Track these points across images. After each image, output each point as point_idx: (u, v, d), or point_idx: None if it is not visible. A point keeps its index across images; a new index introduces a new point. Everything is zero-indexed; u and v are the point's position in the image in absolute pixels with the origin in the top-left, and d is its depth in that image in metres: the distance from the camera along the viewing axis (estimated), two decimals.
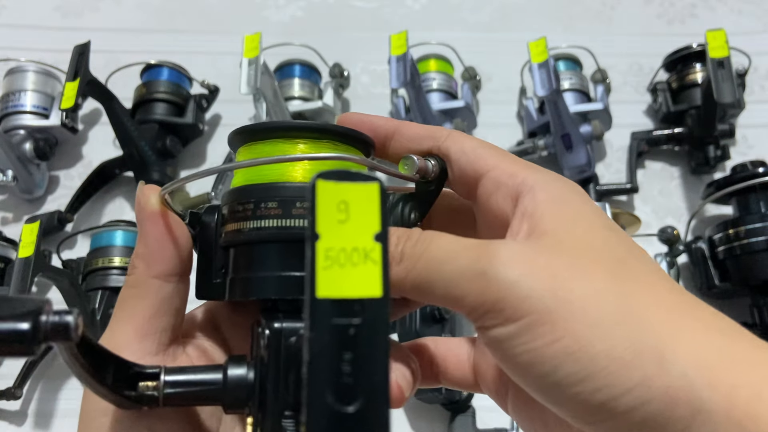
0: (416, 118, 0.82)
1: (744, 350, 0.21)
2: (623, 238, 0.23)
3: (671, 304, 0.22)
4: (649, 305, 0.21)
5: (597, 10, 1.04)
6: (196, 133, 0.89)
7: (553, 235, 0.22)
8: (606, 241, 0.23)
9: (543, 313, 0.20)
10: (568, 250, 0.22)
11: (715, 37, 0.77)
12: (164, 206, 0.28)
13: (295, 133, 0.28)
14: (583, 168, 0.83)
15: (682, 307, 0.22)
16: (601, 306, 0.20)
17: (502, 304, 0.21)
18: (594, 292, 0.20)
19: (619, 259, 0.22)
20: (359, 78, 0.98)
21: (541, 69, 0.76)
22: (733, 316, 0.22)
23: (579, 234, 0.22)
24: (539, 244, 0.22)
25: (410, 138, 0.28)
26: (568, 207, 0.23)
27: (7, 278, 0.77)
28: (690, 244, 0.78)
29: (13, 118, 0.85)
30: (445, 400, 0.68)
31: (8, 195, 0.88)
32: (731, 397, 0.19)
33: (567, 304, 0.20)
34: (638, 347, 0.20)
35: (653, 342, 0.20)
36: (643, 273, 0.22)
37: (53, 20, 1.02)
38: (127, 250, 0.76)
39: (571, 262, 0.21)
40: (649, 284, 0.22)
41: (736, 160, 0.84)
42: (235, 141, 0.29)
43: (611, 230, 0.23)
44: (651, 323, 0.20)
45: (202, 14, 1.04)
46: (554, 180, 0.25)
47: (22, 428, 0.73)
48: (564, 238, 0.22)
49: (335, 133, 0.28)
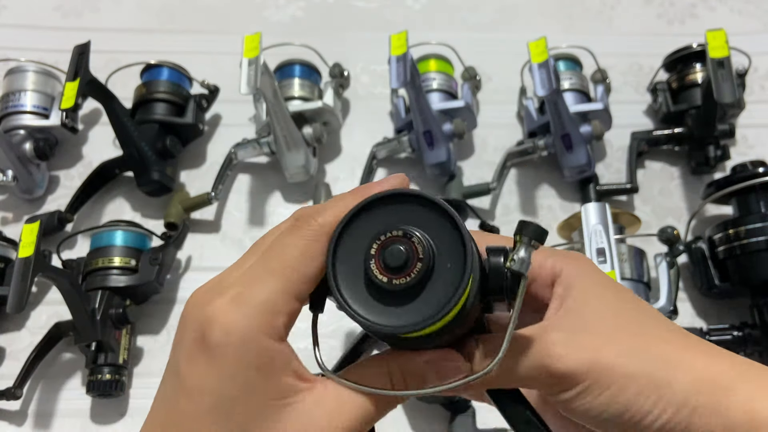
0: (416, 118, 0.82)
1: (732, 366, 0.29)
2: (633, 302, 0.32)
3: (676, 344, 0.30)
4: (660, 348, 0.30)
5: (597, 10, 1.04)
6: (196, 133, 0.89)
7: (580, 312, 0.31)
8: (621, 309, 0.31)
9: (591, 380, 0.29)
10: (595, 325, 0.30)
11: (715, 37, 0.77)
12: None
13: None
14: (583, 168, 0.83)
15: (684, 342, 0.30)
16: (627, 361, 0.29)
17: (558, 383, 0.29)
18: (619, 354, 0.29)
19: (633, 321, 0.31)
20: (359, 78, 0.98)
21: (541, 69, 0.76)
22: (733, 316, 0.23)
23: (602, 309, 0.31)
24: (575, 322, 0.30)
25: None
26: (588, 282, 0.32)
27: (7, 278, 0.77)
28: (690, 244, 0.78)
29: (13, 118, 0.85)
30: (445, 400, 0.68)
31: (8, 195, 0.88)
32: (726, 403, 0.27)
33: (604, 368, 0.29)
34: (653, 381, 0.28)
35: (665, 376, 0.28)
36: (650, 325, 0.31)
37: (53, 20, 1.02)
38: (127, 250, 0.76)
39: (599, 336, 0.30)
40: (656, 333, 0.30)
41: (736, 160, 0.84)
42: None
43: (623, 300, 0.32)
44: (662, 364, 0.29)
45: (202, 14, 1.04)
46: (577, 266, 0.32)
47: (22, 428, 0.73)
48: (589, 313, 0.31)
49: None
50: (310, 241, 0.28)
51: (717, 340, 0.72)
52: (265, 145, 0.85)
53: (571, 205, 0.86)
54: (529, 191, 0.88)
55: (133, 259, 0.76)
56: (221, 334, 0.26)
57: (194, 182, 0.89)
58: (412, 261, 0.26)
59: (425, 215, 0.27)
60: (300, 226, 0.29)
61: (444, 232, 0.27)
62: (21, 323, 0.79)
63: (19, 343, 0.77)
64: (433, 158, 0.83)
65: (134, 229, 0.78)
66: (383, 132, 0.90)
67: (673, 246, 0.75)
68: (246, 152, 0.86)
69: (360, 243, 0.27)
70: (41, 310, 0.80)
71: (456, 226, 0.27)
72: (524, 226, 0.28)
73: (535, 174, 0.89)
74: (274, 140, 0.83)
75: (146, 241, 0.79)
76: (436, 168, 0.84)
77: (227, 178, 0.85)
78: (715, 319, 0.77)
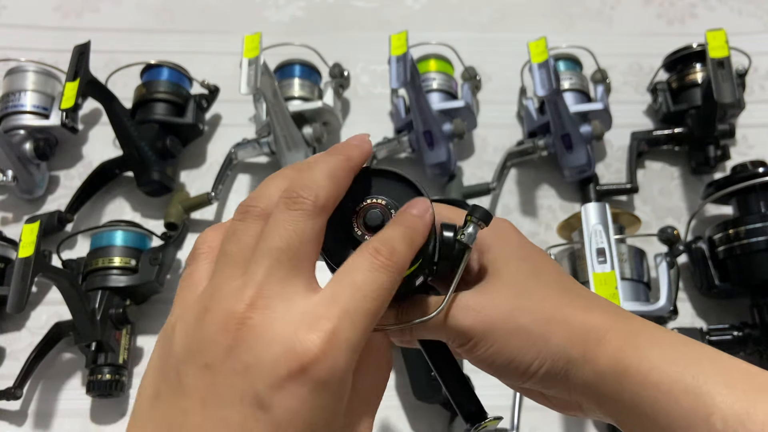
0: (416, 118, 0.82)
1: (602, 316, 0.33)
2: (535, 265, 0.36)
3: (559, 302, 0.34)
4: (543, 306, 0.34)
5: (597, 10, 1.04)
6: (196, 133, 0.89)
7: (488, 274, 0.35)
8: (522, 273, 0.35)
9: (480, 336, 0.33)
10: (491, 287, 0.34)
11: (715, 37, 0.77)
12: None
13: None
14: (583, 168, 0.83)
15: (568, 300, 0.34)
16: (511, 320, 0.33)
17: (459, 338, 0.34)
18: (506, 313, 0.33)
19: (521, 283, 0.35)
20: (359, 78, 0.98)
21: (541, 69, 0.76)
22: (733, 316, 0.24)
23: (503, 269, 0.35)
24: (478, 288, 0.35)
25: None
26: (500, 247, 0.36)
27: (7, 278, 0.77)
28: (690, 244, 0.78)
29: (13, 118, 0.85)
30: (445, 400, 0.68)
31: (8, 195, 0.88)
32: (596, 353, 0.32)
33: (490, 326, 0.33)
34: (531, 337, 0.33)
35: (543, 332, 0.33)
36: (539, 287, 0.34)
37: (53, 20, 1.02)
38: (127, 250, 0.76)
39: (492, 298, 0.34)
40: (542, 294, 0.34)
41: (736, 160, 0.84)
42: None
43: (523, 259, 0.36)
44: (542, 321, 0.33)
45: (202, 14, 1.04)
46: (495, 232, 0.36)
47: (22, 428, 0.73)
48: (492, 276, 0.35)
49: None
50: (320, 230, 0.29)
51: (717, 340, 0.72)
52: (265, 145, 0.85)
53: (571, 205, 0.86)
54: (529, 191, 0.88)
55: (133, 259, 0.76)
56: (326, 373, 0.26)
57: (194, 182, 0.89)
58: (387, 221, 0.32)
59: (396, 186, 0.33)
60: (309, 211, 0.28)
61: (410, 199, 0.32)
62: (21, 323, 0.79)
63: (19, 343, 0.77)
64: (433, 158, 0.83)
65: (134, 229, 0.78)
66: (383, 132, 0.90)
67: (673, 246, 0.75)
68: (246, 152, 0.86)
69: (342, 210, 0.31)
70: (41, 310, 0.80)
71: (420, 195, 0.32)
72: (475, 209, 0.34)
73: (535, 174, 0.89)
74: (274, 140, 0.83)
75: (146, 241, 0.79)
76: (436, 168, 0.84)
77: (227, 178, 0.85)
78: (715, 319, 0.77)
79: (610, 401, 0.31)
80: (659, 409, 0.29)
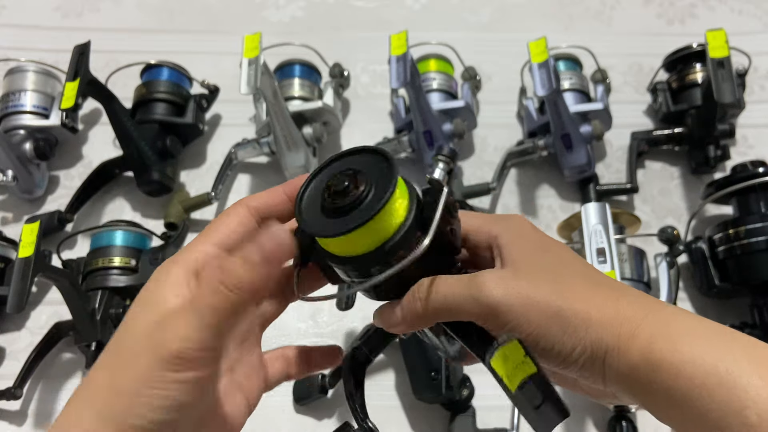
0: (416, 118, 0.82)
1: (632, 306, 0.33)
2: (556, 252, 0.36)
3: (587, 291, 0.34)
4: (573, 296, 0.34)
5: (597, 10, 1.04)
6: (196, 133, 0.89)
7: (513, 263, 0.35)
8: (543, 260, 0.35)
9: (518, 315, 0.33)
10: (524, 273, 0.34)
11: (715, 37, 0.77)
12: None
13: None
14: (583, 168, 0.83)
15: (601, 291, 0.34)
16: (547, 303, 0.33)
17: (493, 314, 0.34)
18: (541, 297, 0.33)
19: (552, 271, 0.35)
20: (359, 78, 0.98)
21: (541, 69, 0.76)
22: (733, 316, 0.24)
23: (529, 260, 0.35)
24: (508, 271, 0.35)
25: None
26: (521, 241, 0.36)
27: (7, 278, 0.77)
28: (690, 244, 0.78)
29: (13, 118, 0.85)
30: (445, 400, 0.68)
31: (8, 195, 0.88)
32: (629, 346, 0.32)
33: (527, 306, 0.33)
34: (572, 323, 0.33)
35: (581, 317, 0.33)
36: (568, 275, 0.35)
37: (53, 20, 1.02)
38: (127, 250, 0.76)
39: (527, 281, 0.34)
40: (572, 282, 0.34)
41: (736, 160, 0.84)
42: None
43: (546, 251, 0.36)
44: (574, 308, 0.33)
45: (202, 14, 1.04)
46: (509, 225, 0.37)
47: (22, 428, 0.73)
48: (520, 265, 0.35)
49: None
50: (234, 213, 0.35)
51: None
52: (265, 145, 0.85)
53: (571, 205, 0.86)
54: (529, 191, 0.88)
55: (133, 259, 0.76)
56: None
57: (194, 182, 0.89)
58: (351, 186, 0.33)
59: (368, 159, 0.35)
60: (233, 206, 0.36)
61: (381, 170, 0.33)
62: (21, 323, 0.79)
63: (19, 343, 0.77)
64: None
65: (134, 229, 0.78)
66: (383, 132, 0.90)
67: (673, 246, 0.75)
68: (246, 152, 0.86)
69: (318, 186, 0.35)
70: (41, 310, 0.80)
71: (390, 164, 0.33)
72: (440, 149, 0.37)
73: (535, 174, 0.89)
74: (274, 140, 0.83)
75: (146, 241, 0.79)
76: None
77: (227, 178, 0.85)
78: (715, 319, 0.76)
79: (644, 393, 0.31)
80: (693, 401, 0.29)
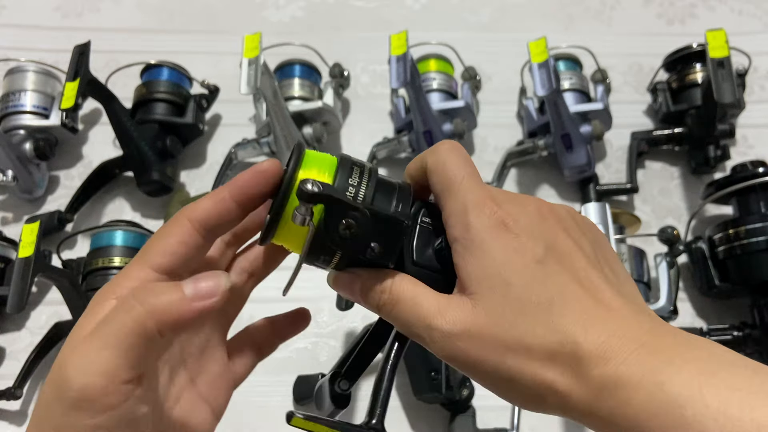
0: (416, 118, 0.82)
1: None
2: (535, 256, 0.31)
3: (577, 315, 0.30)
4: (562, 321, 0.30)
5: (597, 10, 1.04)
6: (196, 133, 0.89)
7: (473, 296, 0.31)
8: (507, 290, 0.31)
9: (469, 374, 0.32)
10: (483, 321, 0.31)
11: (715, 37, 0.77)
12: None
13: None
14: (583, 168, 0.83)
15: (580, 310, 0.31)
16: (499, 369, 0.31)
17: (447, 359, 0.32)
18: (495, 361, 0.31)
19: (517, 301, 0.31)
20: (359, 78, 0.98)
21: (541, 69, 0.76)
22: (733, 316, 0.23)
23: (491, 283, 0.31)
24: (468, 317, 0.31)
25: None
26: (486, 264, 0.31)
27: (7, 278, 0.77)
28: (690, 244, 0.78)
29: (13, 118, 0.85)
30: (445, 400, 0.68)
31: (8, 195, 0.88)
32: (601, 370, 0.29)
33: (483, 374, 0.31)
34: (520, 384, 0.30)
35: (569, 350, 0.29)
36: (559, 296, 0.31)
37: (53, 20, 1.02)
38: (127, 250, 0.76)
39: (488, 338, 0.31)
40: (532, 314, 0.30)
41: (736, 160, 0.84)
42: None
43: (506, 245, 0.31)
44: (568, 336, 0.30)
45: (202, 14, 1.04)
46: (437, 176, 0.34)
47: (22, 428, 0.73)
48: (480, 300, 0.31)
49: None
50: (173, 231, 0.36)
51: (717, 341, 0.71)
52: (265, 145, 0.85)
53: (571, 205, 0.86)
54: (529, 191, 0.88)
55: None
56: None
57: (194, 182, 0.89)
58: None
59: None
60: (173, 221, 0.37)
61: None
62: (21, 323, 0.79)
63: (19, 343, 0.77)
64: None
65: (134, 229, 0.78)
66: (383, 132, 0.90)
67: (673, 246, 0.75)
68: (246, 152, 0.86)
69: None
70: (41, 310, 0.80)
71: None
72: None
73: (535, 174, 0.89)
74: (274, 140, 0.83)
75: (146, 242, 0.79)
76: None
77: (227, 178, 0.85)
78: (715, 319, 0.77)
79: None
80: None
